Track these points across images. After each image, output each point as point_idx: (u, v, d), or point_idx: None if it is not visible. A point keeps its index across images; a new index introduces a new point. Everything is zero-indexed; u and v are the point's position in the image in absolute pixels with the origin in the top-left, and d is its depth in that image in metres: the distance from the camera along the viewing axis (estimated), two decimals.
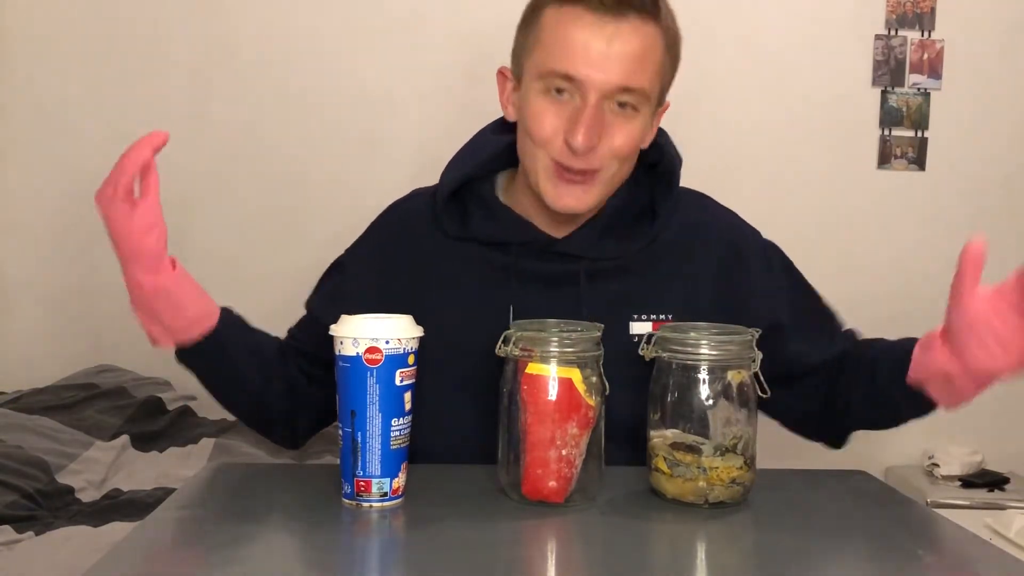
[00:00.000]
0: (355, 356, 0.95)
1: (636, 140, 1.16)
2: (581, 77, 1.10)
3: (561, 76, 1.11)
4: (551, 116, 1.13)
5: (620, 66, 1.10)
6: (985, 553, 0.93)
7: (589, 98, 1.11)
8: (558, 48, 1.12)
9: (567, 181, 1.15)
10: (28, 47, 2.58)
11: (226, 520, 0.96)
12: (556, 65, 1.11)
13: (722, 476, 0.99)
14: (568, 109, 1.13)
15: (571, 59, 1.11)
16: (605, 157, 1.14)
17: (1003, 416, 2.76)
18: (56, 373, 2.40)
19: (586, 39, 1.10)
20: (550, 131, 1.13)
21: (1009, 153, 2.74)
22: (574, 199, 1.16)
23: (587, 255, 1.22)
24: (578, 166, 1.14)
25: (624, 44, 1.10)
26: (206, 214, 2.62)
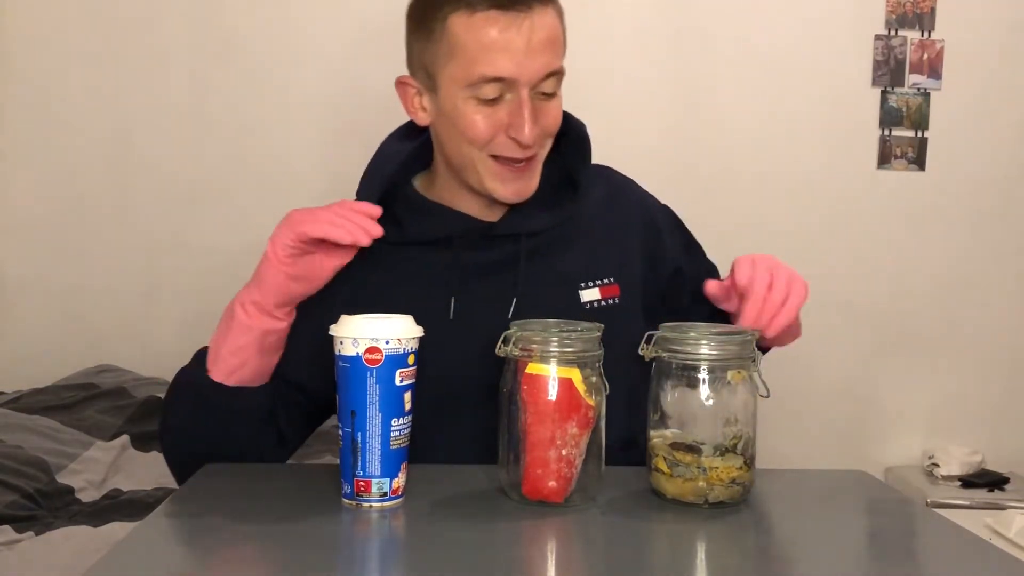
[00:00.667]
0: (355, 356, 0.95)
1: (560, 115, 1.23)
2: (513, 76, 1.14)
3: (491, 80, 1.15)
4: (482, 119, 1.17)
5: (543, 56, 1.15)
6: (985, 553, 0.93)
7: (522, 93, 1.16)
8: (482, 54, 1.14)
9: (513, 172, 1.21)
10: (28, 47, 2.58)
11: (226, 520, 0.96)
12: (485, 70, 1.14)
13: (722, 476, 0.99)
14: (501, 109, 1.17)
15: (499, 62, 1.14)
16: (541, 140, 1.20)
17: (1003, 416, 2.76)
18: (56, 373, 2.40)
19: (507, 39, 1.13)
20: (488, 132, 1.18)
21: (1009, 153, 2.74)
22: (523, 186, 1.23)
23: (525, 230, 1.26)
24: (522, 156, 1.19)
25: (540, 33, 1.15)
26: (206, 214, 2.62)
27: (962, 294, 2.74)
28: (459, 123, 1.19)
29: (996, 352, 2.76)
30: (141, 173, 2.61)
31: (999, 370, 2.76)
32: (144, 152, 2.61)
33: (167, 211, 2.62)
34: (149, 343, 2.58)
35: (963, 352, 2.75)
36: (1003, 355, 2.77)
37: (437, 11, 1.17)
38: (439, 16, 1.16)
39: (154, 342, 2.58)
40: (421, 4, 1.21)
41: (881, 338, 2.69)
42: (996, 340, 2.76)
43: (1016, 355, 2.77)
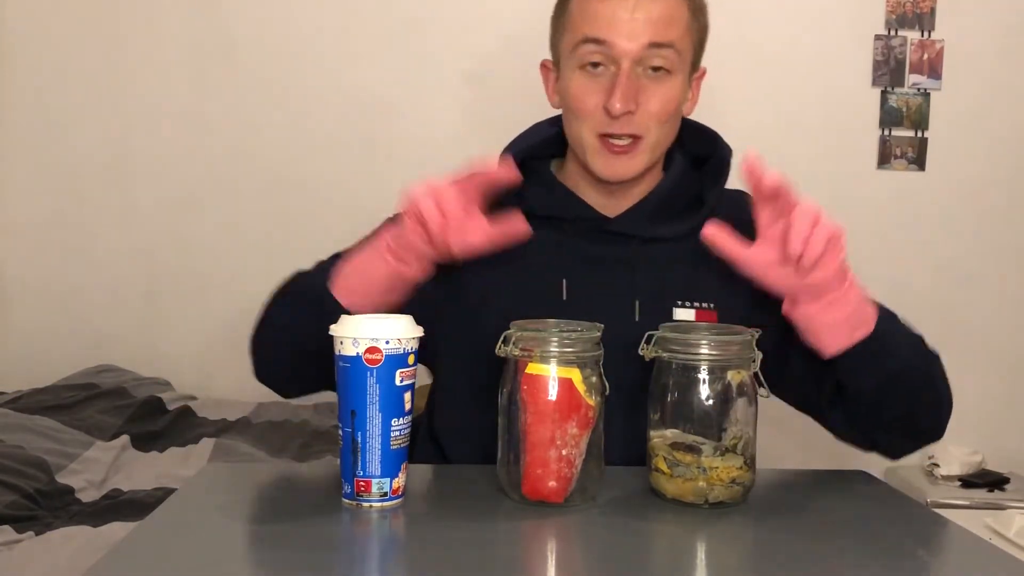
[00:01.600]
0: (355, 356, 0.95)
1: (674, 102, 1.21)
2: (611, 40, 1.16)
3: (592, 41, 1.17)
4: (589, 91, 1.19)
5: (646, 28, 1.16)
6: (985, 553, 0.93)
7: (622, 64, 1.16)
8: (586, 19, 1.18)
9: (614, 152, 1.20)
10: (28, 47, 2.58)
11: (226, 520, 0.96)
12: (587, 31, 1.17)
13: (722, 476, 0.99)
14: (604, 80, 1.18)
15: (599, 25, 1.17)
16: (645, 122, 1.19)
17: (1003, 416, 2.76)
18: (56, 373, 2.41)
19: (612, 9, 1.16)
20: (591, 105, 1.19)
21: (1009, 153, 2.74)
22: (622, 167, 1.21)
23: (638, 234, 1.25)
24: (620, 131, 1.18)
25: (648, 9, 1.16)
26: (206, 214, 2.62)
27: (962, 294, 2.74)
28: (567, 95, 1.21)
29: (996, 352, 2.76)
30: (141, 173, 2.62)
31: (999, 370, 2.76)
32: (144, 152, 2.61)
33: (167, 211, 2.62)
34: (149, 343, 2.58)
35: (963, 352, 2.75)
36: (1003, 355, 2.77)
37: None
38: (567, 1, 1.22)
39: (154, 342, 2.58)
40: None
41: None
42: (996, 340, 2.76)
43: (1016, 355, 2.77)
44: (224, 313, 2.55)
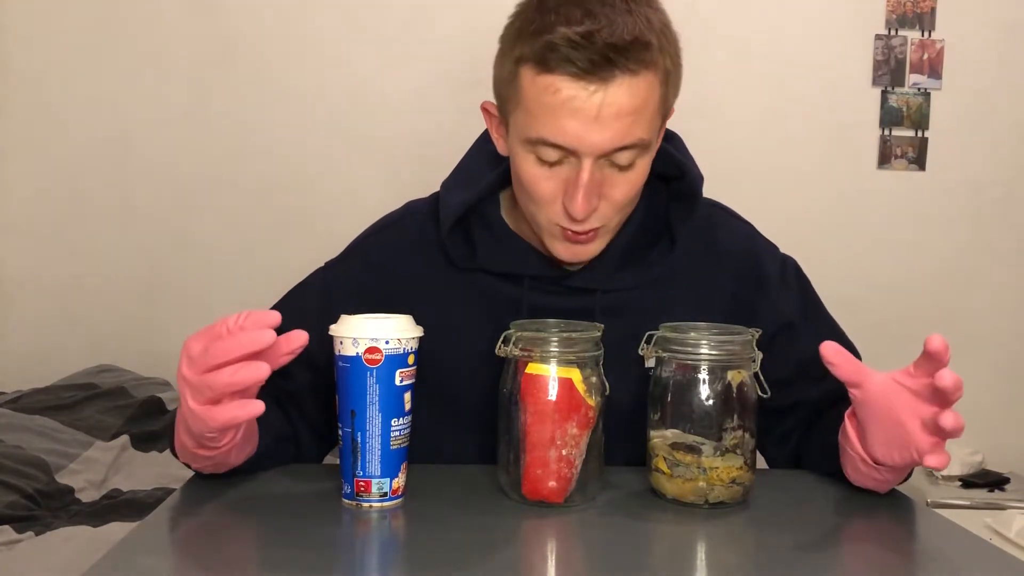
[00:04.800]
0: (355, 356, 0.95)
1: (639, 184, 1.08)
2: (572, 146, 1.01)
3: (549, 145, 1.02)
4: (545, 180, 1.05)
5: (613, 130, 1.00)
6: (985, 553, 0.93)
7: (584, 163, 1.02)
8: (543, 118, 1.01)
9: (572, 241, 1.09)
10: (28, 47, 2.58)
11: (226, 520, 0.96)
12: (544, 133, 1.01)
13: (722, 476, 0.99)
14: (563, 171, 1.04)
15: (557, 129, 1.00)
16: (607, 213, 1.07)
17: (1003, 416, 2.76)
18: (56, 373, 2.41)
19: (572, 109, 0.99)
20: (548, 196, 1.06)
21: (1009, 153, 2.74)
22: (583, 252, 1.11)
23: (603, 287, 1.17)
24: (581, 229, 1.07)
25: (614, 108, 0.99)
26: (206, 213, 2.62)
27: (962, 294, 2.74)
28: (521, 176, 1.07)
29: (996, 352, 2.76)
30: (141, 173, 2.62)
31: (999, 370, 2.76)
32: (144, 152, 2.61)
33: (167, 211, 2.62)
34: (149, 343, 2.58)
35: (963, 352, 2.74)
36: (1003, 355, 2.77)
37: (514, 47, 1.04)
38: (514, 56, 1.03)
39: (154, 342, 2.58)
40: (508, 33, 1.06)
41: (880, 338, 2.68)
42: (996, 340, 2.76)
43: (1016, 355, 2.77)
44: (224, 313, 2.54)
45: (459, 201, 1.17)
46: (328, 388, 1.00)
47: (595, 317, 1.14)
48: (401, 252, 1.21)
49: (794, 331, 1.19)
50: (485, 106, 1.15)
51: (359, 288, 1.19)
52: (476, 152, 1.23)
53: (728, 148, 2.64)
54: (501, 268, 1.17)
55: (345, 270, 1.22)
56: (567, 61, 0.98)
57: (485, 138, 1.22)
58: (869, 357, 1.30)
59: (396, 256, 1.21)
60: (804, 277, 1.26)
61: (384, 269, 1.20)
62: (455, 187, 1.20)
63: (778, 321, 1.19)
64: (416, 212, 1.24)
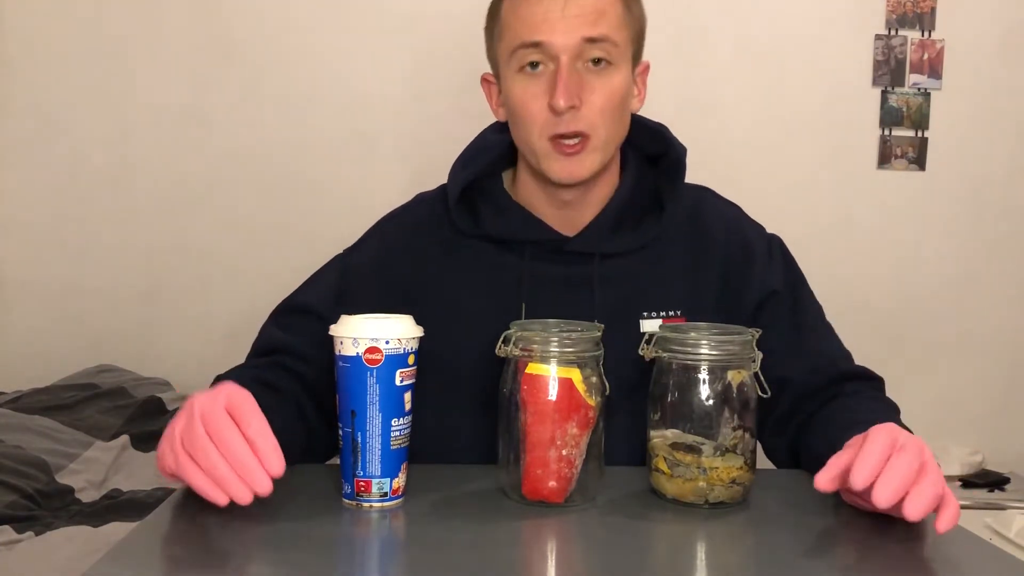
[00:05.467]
0: (355, 356, 0.95)
1: (618, 95, 1.18)
2: (546, 40, 1.14)
3: (528, 45, 1.15)
4: (532, 94, 1.16)
5: (580, 23, 1.14)
6: (985, 553, 0.93)
7: (561, 60, 1.14)
8: (520, 23, 1.17)
9: (566, 154, 1.17)
10: (28, 47, 2.58)
11: (226, 520, 0.96)
12: (522, 36, 1.16)
13: (722, 476, 0.99)
14: (545, 80, 1.16)
15: (533, 28, 1.15)
16: (591, 117, 1.16)
17: (1003, 416, 2.76)
18: (56, 373, 2.41)
19: (543, 12, 1.15)
20: (536, 108, 1.16)
21: (1009, 153, 2.74)
22: (576, 166, 1.18)
23: (600, 251, 1.24)
24: (567, 129, 1.16)
25: (577, 7, 1.15)
26: (206, 214, 2.62)
27: (962, 294, 2.74)
28: (511, 102, 1.19)
29: (996, 352, 2.76)
30: (141, 173, 2.62)
31: (999, 370, 2.76)
32: (144, 152, 2.61)
33: (167, 211, 2.62)
34: (149, 343, 2.58)
35: (963, 352, 2.75)
36: (1003, 355, 2.77)
37: (498, 4, 1.22)
38: (498, 7, 1.21)
39: (154, 342, 2.58)
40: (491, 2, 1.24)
41: (881, 338, 2.69)
42: (996, 340, 2.76)
43: (1016, 355, 2.77)
44: (224, 313, 2.55)
45: (464, 175, 1.27)
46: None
47: (594, 284, 1.22)
48: (411, 233, 1.29)
49: (778, 299, 1.26)
50: (484, 76, 1.28)
51: (374, 265, 1.27)
52: (479, 139, 1.32)
53: (728, 148, 2.64)
54: (502, 234, 1.25)
55: (361, 254, 1.31)
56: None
57: (487, 131, 1.32)
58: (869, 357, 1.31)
59: (407, 237, 1.29)
60: (789, 254, 1.33)
61: (396, 250, 1.28)
62: (460, 166, 1.29)
63: (764, 290, 1.25)
64: (425, 199, 1.34)
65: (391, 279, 1.25)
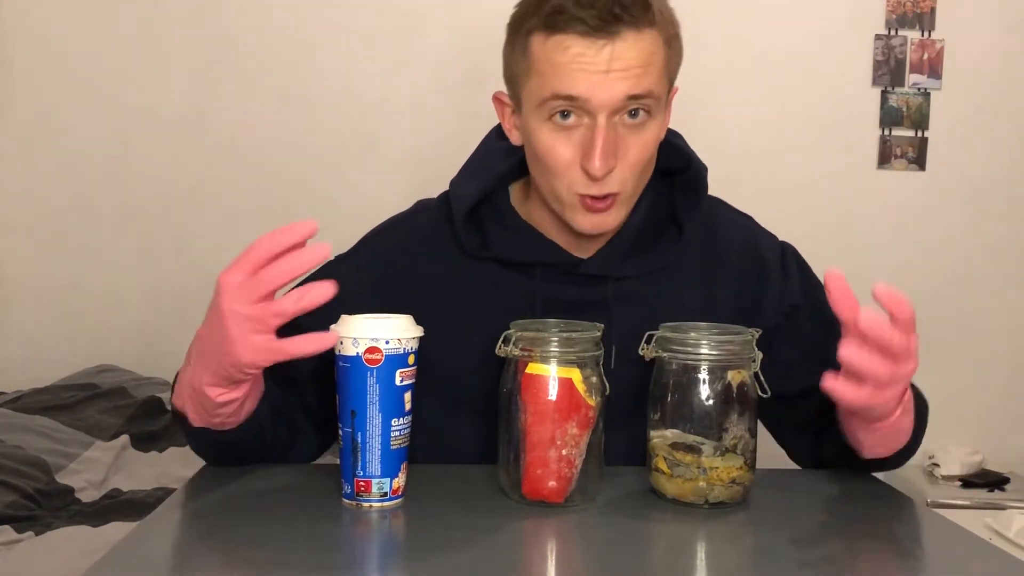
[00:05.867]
0: (355, 356, 0.95)
1: (653, 146, 1.11)
2: (585, 96, 1.05)
3: (563, 98, 1.06)
4: (562, 146, 1.08)
5: (624, 81, 1.05)
6: (985, 553, 0.93)
7: (598, 119, 1.06)
8: (555, 73, 1.06)
9: (593, 210, 1.11)
10: (28, 47, 2.58)
11: (226, 520, 0.96)
12: (555, 87, 1.06)
13: (722, 476, 0.99)
14: (578, 134, 1.08)
15: (570, 80, 1.05)
16: (624, 175, 1.09)
17: (1003, 416, 2.76)
18: (56, 373, 2.41)
19: (584, 61, 1.05)
20: (565, 162, 1.08)
21: (1009, 153, 2.74)
22: (602, 221, 1.12)
23: (614, 274, 1.19)
24: (599, 192, 1.09)
25: (622, 61, 1.05)
26: (206, 214, 2.62)
27: (962, 294, 2.74)
28: (537, 148, 1.10)
29: (996, 352, 2.76)
30: (141, 173, 2.62)
31: (999, 370, 2.76)
32: (144, 152, 2.61)
33: (167, 211, 2.62)
34: (149, 343, 2.58)
35: (963, 352, 2.75)
36: (1003, 355, 2.77)
37: (522, 25, 1.10)
38: (523, 31, 1.09)
39: (154, 342, 2.58)
40: (514, 17, 1.13)
41: None
42: (996, 340, 2.76)
43: (1016, 355, 2.77)
44: None
45: (471, 191, 1.19)
46: (330, 378, 1.01)
47: (608, 306, 1.17)
48: (412, 245, 1.22)
49: (798, 314, 1.22)
50: (497, 96, 1.18)
51: (370, 286, 1.20)
52: (483, 148, 1.25)
53: (728, 148, 2.64)
54: (513, 257, 1.19)
55: (356, 267, 1.23)
56: (575, 20, 1.04)
57: (492, 135, 1.25)
58: None
59: (407, 249, 1.22)
60: (804, 262, 1.29)
61: (396, 266, 1.22)
62: (465, 180, 1.22)
63: (782, 307, 1.22)
64: (426, 209, 1.26)
65: (387, 296, 1.15)
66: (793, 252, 1.28)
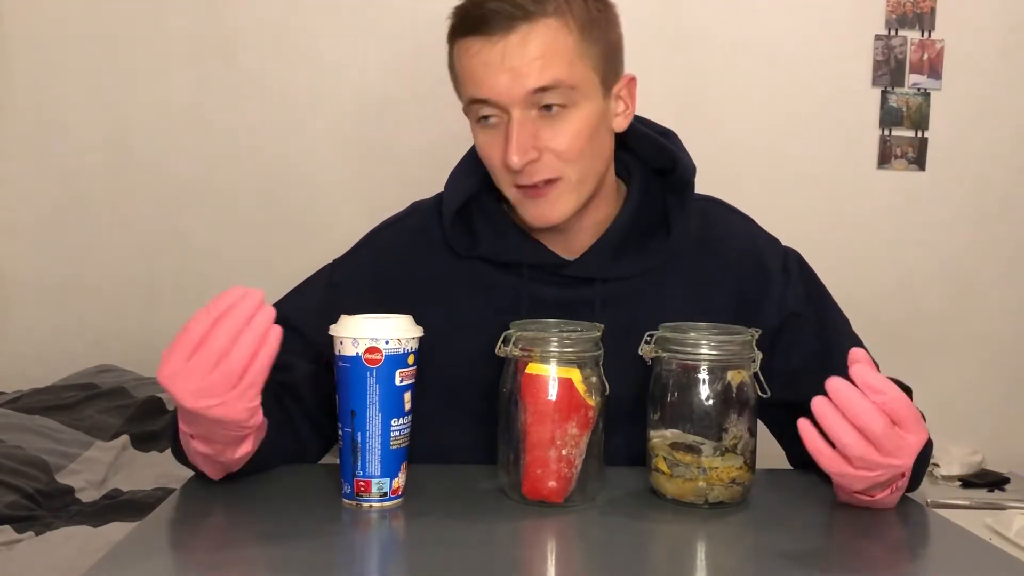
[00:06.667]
0: (355, 356, 0.95)
1: (583, 135, 1.10)
2: (492, 97, 1.08)
3: (477, 101, 1.10)
4: (492, 146, 1.12)
5: (523, 76, 1.07)
6: (985, 553, 0.93)
7: (512, 113, 1.08)
8: (465, 77, 1.11)
9: (532, 197, 1.12)
10: (28, 47, 2.58)
11: (226, 520, 0.96)
12: (470, 91, 1.11)
13: (722, 476, 0.99)
14: (500, 132, 1.10)
15: (476, 83, 1.09)
16: (554, 164, 1.10)
17: (1003, 416, 2.76)
18: (56, 373, 2.40)
19: (482, 63, 1.08)
20: (498, 161, 1.11)
21: (1009, 153, 2.74)
22: (549, 209, 1.13)
23: (601, 276, 1.18)
24: (527, 182, 1.10)
25: (517, 55, 1.07)
26: (206, 214, 2.62)
27: (962, 294, 2.74)
28: (477, 149, 1.15)
29: (996, 352, 2.76)
30: (141, 173, 2.62)
31: (999, 370, 2.76)
32: (144, 152, 2.61)
33: (167, 211, 2.62)
34: (149, 343, 2.57)
35: (963, 352, 2.75)
36: (1003, 355, 2.77)
37: (448, 37, 1.15)
38: (450, 50, 1.15)
39: (154, 342, 2.56)
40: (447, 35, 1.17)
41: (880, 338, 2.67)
42: (996, 340, 2.76)
43: (1016, 355, 2.77)
44: None
45: (459, 191, 1.21)
46: (329, 381, 1.01)
47: (595, 308, 1.17)
48: (406, 246, 1.24)
49: (800, 321, 1.21)
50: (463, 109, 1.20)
51: (366, 282, 1.22)
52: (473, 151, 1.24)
53: (728, 148, 2.64)
54: (501, 256, 1.20)
55: (352, 266, 1.25)
56: (472, 21, 1.09)
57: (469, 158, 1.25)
58: None
59: (401, 250, 1.24)
60: (807, 267, 1.27)
61: (390, 263, 1.23)
62: (455, 180, 1.23)
63: (783, 314, 1.20)
64: (420, 209, 1.28)
65: (383, 297, 1.15)
66: (796, 257, 1.26)
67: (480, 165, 1.21)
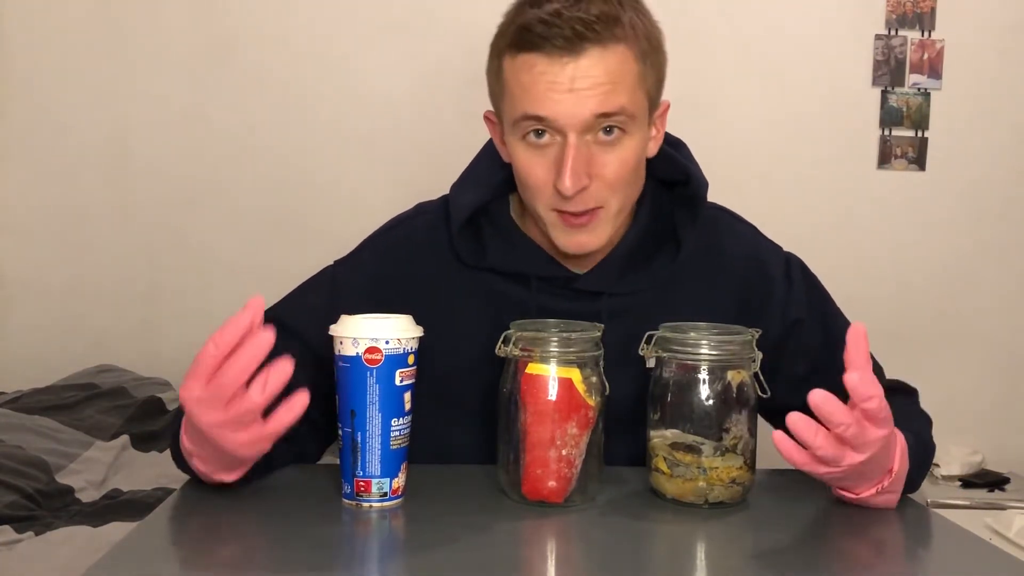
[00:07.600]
0: (355, 356, 0.95)
1: (631, 163, 1.10)
2: (552, 116, 1.05)
3: (532, 118, 1.07)
4: (537, 165, 1.09)
5: (590, 99, 1.04)
6: (985, 553, 0.93)
7: (568, 138, 1.06)
8: (521, 92, 1.07)
9: (573, 226, 1.10)
10: (28, 47, 2.58)
11: (226, 520, 0.96)
12: (524, 107, 1.07)
13: (722, 476, 0.99)
14: (551, 153, 1.07)
15: (535, 100, 1.05)
16: (601, 193, 1.09)
17: (1003, 416, 2.76)
18: (56, 373, 2.40)
19: (548, 82, 1.04)
20: (540, 181, 1.09)
21: (1009, 153, 2.74)
22: (585, 239, 1.12)
23: (609, 290, 1.18)
24: (575, 209, 1.09)
25: (588, 79, 1.04)
26: (206, 214, 2.62)
27: (962, 294, 2.74)
28: (516, 167, 1.11)
29: (996, 352, 2.76)
30: (141, 173, 2.62)
31: (999, 370, 2.76)
32: (144, 152, 2.61)
33: (167, 211, 2.62)
34: (149, 343, 2.58)
35: (963, 352, 2.75)
36: (1003, 355, 2.77)
37: (496, 46, 1.11)
38: (497, 51, 1.11)
39: (154, 342, 2.58)
40: (493, 39, 1.13)
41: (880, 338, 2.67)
42: (996, 340, 2.76)
43: (1016, 355, 2.77)
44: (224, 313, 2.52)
45: (469, 200, 1.19)
46: (329, 385, 1.01)
47: (602, 320, 1.15)
48: (411, 251, 1.22)
49: (803, 327, 1.21)
50: (487, 115, 1.19)
51: (368, 285, 1.20)
52: (485, 154, 1.25)
53: (728, 149, 2.64)
54: (510, 268, 1.19)
55: (354, 268, 1.23)
56: (539, 39, 1.04)
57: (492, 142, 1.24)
58: None
59: (406, 254, 1.22)
60: (810, 273, 1.27)
61: (393, 267, 1.22)
62: (465, 188, 1.22)
63: (786, 320, 1.21)
64: (426, 212, 1.26)
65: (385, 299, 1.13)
66: (798, 264, 1.27)
67: (492, 175, 1.20)
